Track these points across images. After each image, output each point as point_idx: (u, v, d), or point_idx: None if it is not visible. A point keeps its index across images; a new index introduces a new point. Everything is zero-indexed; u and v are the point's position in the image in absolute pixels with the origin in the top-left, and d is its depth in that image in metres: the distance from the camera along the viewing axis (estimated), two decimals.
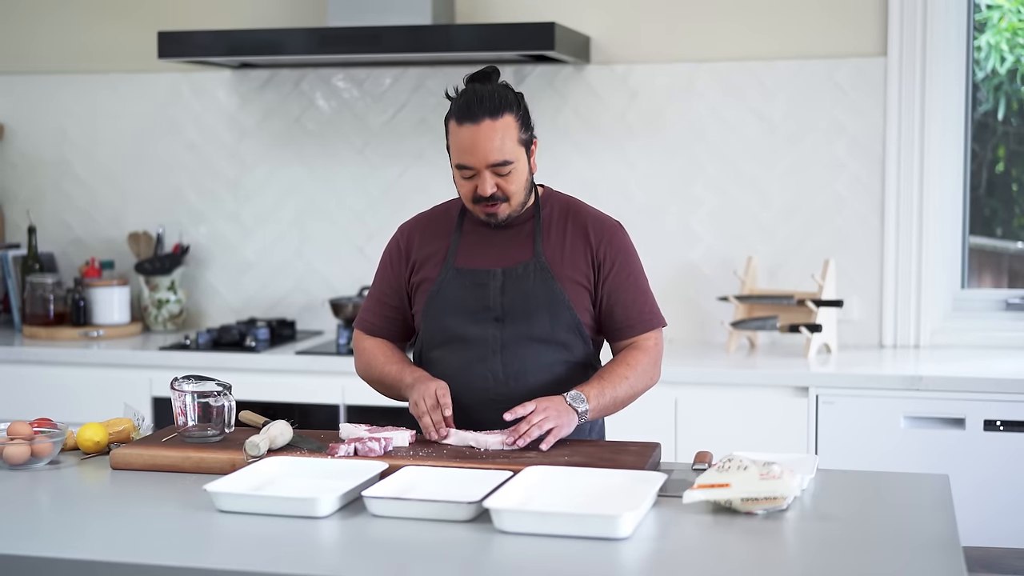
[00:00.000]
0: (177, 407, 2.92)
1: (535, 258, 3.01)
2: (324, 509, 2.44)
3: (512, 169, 2.92)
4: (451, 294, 3.03)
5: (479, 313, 3.01)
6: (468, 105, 2.90)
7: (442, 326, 3.04)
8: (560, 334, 3.01)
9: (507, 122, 2.90)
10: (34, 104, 5.38)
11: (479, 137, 2.88)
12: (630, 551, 2.26)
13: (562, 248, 3.03)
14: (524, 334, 3.00)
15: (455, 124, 2.92)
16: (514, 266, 3.01)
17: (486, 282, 3.01)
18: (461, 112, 2.91)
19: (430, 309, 3.05)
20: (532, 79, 4.90)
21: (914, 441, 4.05)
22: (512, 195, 2.96)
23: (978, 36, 4.79)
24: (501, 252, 3.04)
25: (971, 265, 4.81)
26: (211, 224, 5.25)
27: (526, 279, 3.00)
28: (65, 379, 4.68)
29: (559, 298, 2.99)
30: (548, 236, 3.04)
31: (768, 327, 4.55)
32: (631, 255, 3.08)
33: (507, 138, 2.90)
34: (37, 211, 5.37)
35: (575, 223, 3.06)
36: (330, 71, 5.09)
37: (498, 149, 2.89)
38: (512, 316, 3.00)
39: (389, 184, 5.07)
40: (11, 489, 2.71)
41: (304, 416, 4.45)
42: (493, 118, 2.88)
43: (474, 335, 3.01)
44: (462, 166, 2.93)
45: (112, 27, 5.27)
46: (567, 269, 3.01)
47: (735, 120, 4.77)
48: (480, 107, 2.89)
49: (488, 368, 3.01)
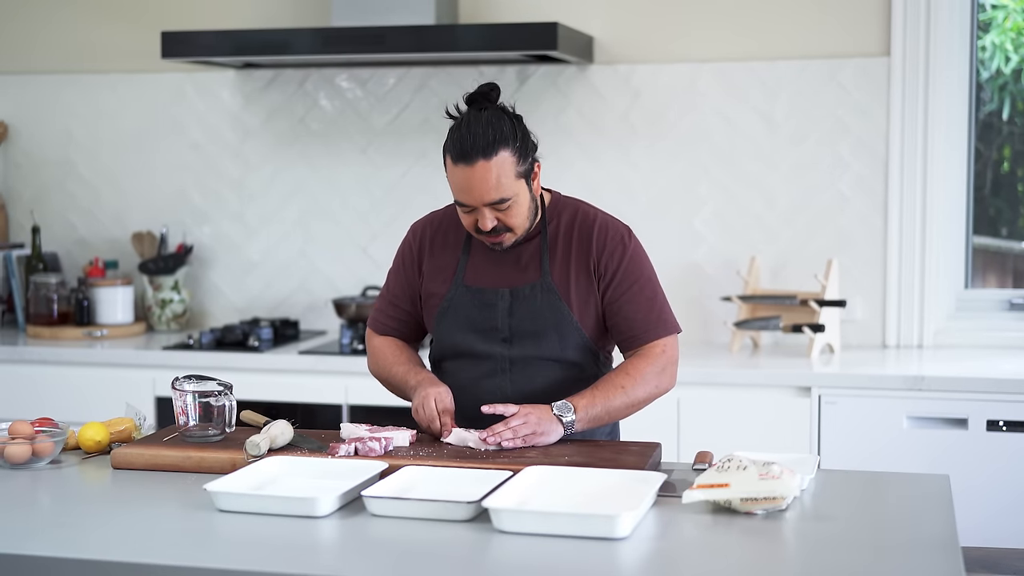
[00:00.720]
0: (178, 407, 2.92)
1: (542, 279, 2.99)
2: (323, 509, 2.44)
3: (511, 204, 2.89)
4: (460, 312, 3.02)
5: (488, 332, 3.00)
6: (462, 145, 2.84)
7: (452, 342, 3.05)
8: (569, 353, 3.00)
9: (502, 159, 2.84)
10: (38, 104, 5.39)
11: (474, 179, 2.84)
12: (629, 551, 2.26)
13: (568, 264, 3.00)
14: (533, 354, 2.99)
15: (451, 162, 2.88)
16: (521, 287, 2.99)
17: (494, 302, 3.00)
18: (455, 152, 2.86)
19: (440, 325, 3.06)
20: (535, 79, 4.90)
21: (916, 441, 4.05)
22: (515, 226, 2.93)
23: (983, 36, 4.79)
24: (509, 271, 3.01)
25: (976, 265, 4.81)
26: (215, 224, 5.25)
27: (533, 300, 2.98)
28: (68, 379, 4.69)
29: (567, 319, 2.98)
30: (555, 254, 3.01)
31: (771, 327, 4.55)
32: (637, 262, 3.02)
33: (503, 176, 2.85)
34: (41, 211, 5.38)
35: (581, 233, 3.01)
36: (334, 71, 5.09)
37: (494, 189, 2.85)
38: (520, 337, 2.99)
39: (392, 184, 5.07)
40: (12, 488, 2.72)
41: (307, 416, 4.45)
42: (487, 158, 2.83)
43: (483, 352, 3.01)
44: (460, 203, 2.91)
45: (116, 27, 5.28)
46: (574, 287, 2.99)
47: (738, 120, 4.77)
48: (474, 148, 2.83)
49: (497, 385, 3.01)
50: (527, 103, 4.89)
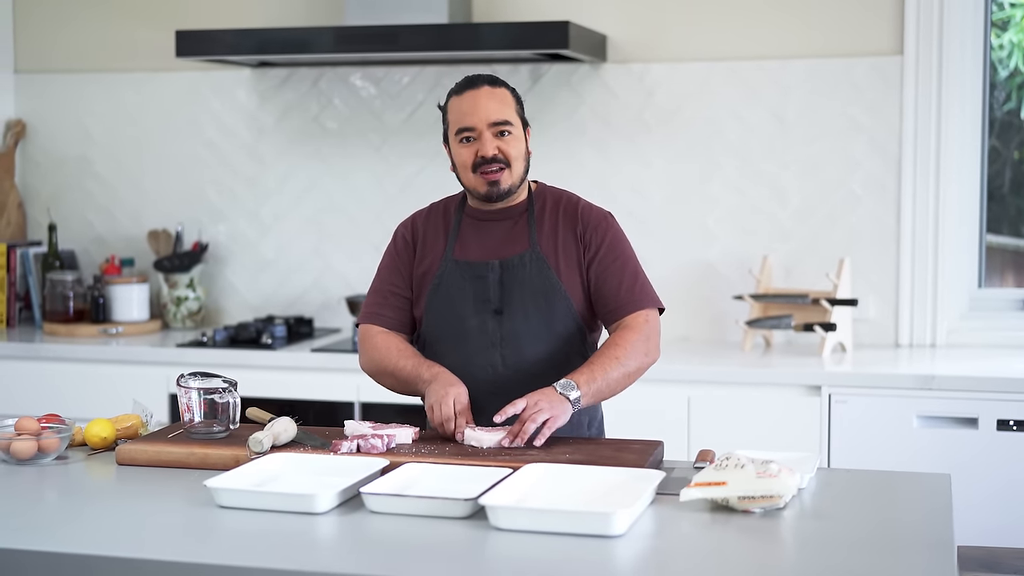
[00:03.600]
0: (183, 403, 2.94)
1: (531, 249, 3.07)
2: (322, 505, 2.45)
3: (512, 133, 3.04)
4: (452, 287, 3.08)
5: (479, 305, 3.06)
6: (468, 78, 3.09)
7: (443, 319, 3.09)
8: (559, 324, 3.05)
9: (505, 93, 3.07)
10: (56, 103, 5.43)
11: (480, 99, 3.03)
12: (624, 548, 2.26)
13: (555, 238, 3.09)
14: (523, 325, 3.04)
15: (456, 97, 3.09)
16: (510, 257, 3.06)
17: (484, 274, 3.07)
18: (461, 84, 3.08)
19: (432, 302, 3.10)
20: (549, 78, 4.91)
21: (926, 441, 4.04)
22: (512, 160, 3.05)
23: (1000, 35, 4.78)
24: (498, 244, 3.10)
25: (994, 264, 4.79)
26: (230, 222, 5.28)
27: (523, 269, 3.05)
28: (84, 376, 4.72)
29: (556, 288, 3.04)
30: (542, 227, 3.10)
31: (783, 326, 4.55)
32: (619, 240, 3.12)
33: (506, 104, 3.05)
34: (59, 209, 5.42)
35: (566, 212, 3.12)
36: (348, 70, 5.11)
37: (498, 110, 3.03)
38: (510, 307, 3.04)
39: (406, 182, 5.09)
40: (17, 484, 2.74)
41: (319, 413, 4.47)
42: (492, 86, 3.06)
43: (474, 327, 3.06)
44: (463, 129, 3.04)
45: (133, 26, 5.31)
46: (562, 258, 3.07)
47: (751, 119, 4.77)
48: (480, 79, 3.07)
49: (488, 360, 3.05)
50: (541, 102, 4.90)
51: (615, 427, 3.37)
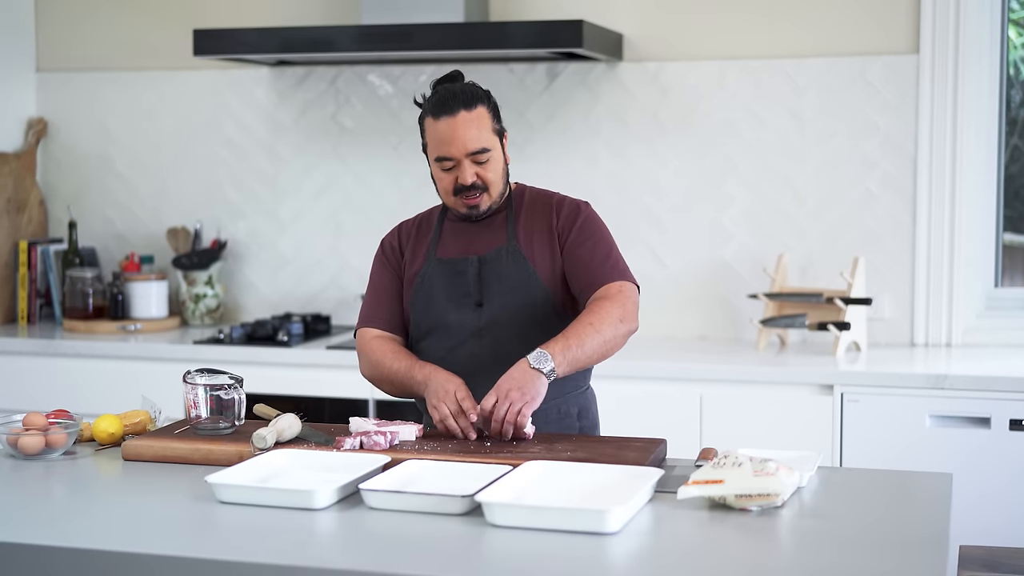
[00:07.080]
0: (190, 400, 2.96)
1: (508, 243, 3.12)
2: (322, 501, 2.47)
3: (490, 157, 3.06)
4: (434, 283, 3.14)
5: (459, 300, 3.12)
6: (443, 100, 3.05)
7: (426, 315, 3.14)
8: (538, 314, 3.09)
9: (481, 113, 3.05)
10: (77, 101, 5.47)
11: (457, 128, 3.02)
12: (620, 546, 2.27)
13: (531, 231, 3.13)
14: (502, 316, 3.09)
15: (431, 120, 3.06)
16: (488, 252, 3.12)
17: (464, 269, 3.13)
18: (436, 108, 3.06)
19: (416, 301, 3.16)
20: (564, 77, 4.92)
21: (939, 440, 4.02)
22: (491, 184, 3.08)
23: (1022, 33, 4.75)
24: (478, 241, 3.15)
25: (1016, 263, 4.76)
26: (248, 219, 5.31)
27: (499, 263, 3.11)
28: (102, 372, 4.75)
29: (533, 278, 3.09)
30: (519, 222, 3.15)
31: (797, 325, 4.54)
32: (592, 222, 3.14)
33: (483, 128, 3.05)
34: (80, 206, 5.46)
35: (543, 206, 3.17)
36: (365, 68, 5.13)
37: (475, 138, 3.03)
38: (490, 300, 3.10)
39: (423, 180, 5.04)
40: (24, 478, 2.77)
41: (334, 411, 4.49)
42: (468, 109, 3.03)
43: (455, 321, 3.11)
44: (441, 158, 3.05)
45: (153, 25, 5.35)
46: (537, 249, 3.11)
47: (767, 118, 4.76)
48: (455, 101, 3.04)
49: (471, 353, 3.09)
50: (556, 100, 4.91)
51: (626, 424, 3.38)
